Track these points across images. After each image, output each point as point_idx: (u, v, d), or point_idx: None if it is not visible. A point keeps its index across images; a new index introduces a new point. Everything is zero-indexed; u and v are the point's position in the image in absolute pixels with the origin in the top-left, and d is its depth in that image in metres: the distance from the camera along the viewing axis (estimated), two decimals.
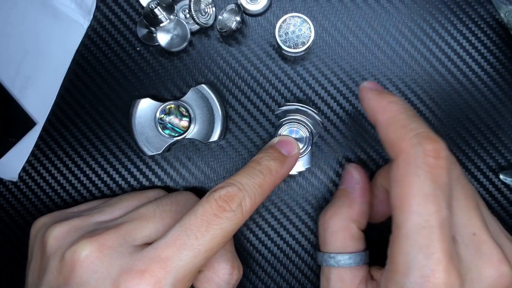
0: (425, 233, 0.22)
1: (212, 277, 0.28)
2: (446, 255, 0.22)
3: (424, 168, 0.22)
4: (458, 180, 0.25)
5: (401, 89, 0.33)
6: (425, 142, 0.23)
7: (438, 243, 0.22)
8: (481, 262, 0.24)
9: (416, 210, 0.22)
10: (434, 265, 0.22)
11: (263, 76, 0.34)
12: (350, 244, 0.28)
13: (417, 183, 0.22)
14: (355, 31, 0.33)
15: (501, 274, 0.24)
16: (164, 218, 0.28)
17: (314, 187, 0.34)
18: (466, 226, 0.24)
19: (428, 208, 0.22)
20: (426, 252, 0.22)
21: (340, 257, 0.28)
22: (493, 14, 0.33)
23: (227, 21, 0.32)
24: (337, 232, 0.29)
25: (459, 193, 0.25)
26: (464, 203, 0.25)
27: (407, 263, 0.22)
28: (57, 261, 0.26)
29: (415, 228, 0.22)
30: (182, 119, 0.32)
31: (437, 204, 0.22)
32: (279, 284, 0.34)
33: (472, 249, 0.24)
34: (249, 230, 0.34)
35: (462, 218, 0.24)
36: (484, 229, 0.24)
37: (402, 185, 0.23)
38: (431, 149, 0.22)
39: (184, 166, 0.34)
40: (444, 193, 0.22)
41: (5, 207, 0.35)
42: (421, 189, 0.22)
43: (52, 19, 0.33)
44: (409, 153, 0.23)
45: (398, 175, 0.23)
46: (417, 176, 0.22)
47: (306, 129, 0.31)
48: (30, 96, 0.34)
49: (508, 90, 0.33)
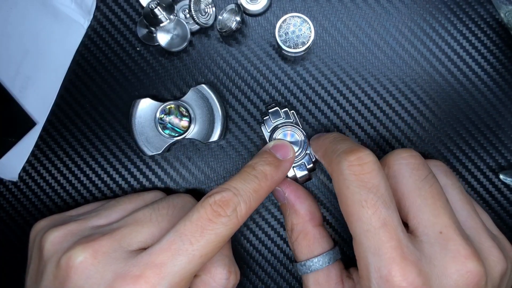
0: (371, 236, 0.23)
1: (208, 281, 0.28)
2: (399, 253, 0.23)
3: (351, 178, 0.24)
4: (425, 180, 0.26)
5: (401, 89, 0.33)
6: (347, 155, 0.25)
7: (387, 242, 0.23)
8: (446, 259, 0.24)
9: (357, 218, 0.24)
10: (388, 264, 0.23)
11: (263, 76, 0.34)
12: (316, 246, 0.29)
13: (349, 194, 0.24)
14: (355, 31, 0.33)
15: (468, 271, 0.24)
16: (160, 222, 0.28)
17: (314, 187, 0.34)
18: (433, 225, 0.25)
19: (365, 212, 0.23)
20: (377, 253, 0.23)
21: (309, 262, 0.29)
22: (493, 14, 0.33)
23: (227, 21, 0.32)
24: (300, 241, 0.30)
25: (426, 192, 0.25)
26: (431, 202, 0.25)
27: (366, 268, 0.24)
28: (53, 266, 0.26)
29: (362, 234, 0.24)
30: (182, 119, 0.32)
31: (373, 206, 0.23)
32: (279, 284, 0.34)
33: (437, 246, 0.24)
34: (249, 230, 0.34)
35: (428, 217, 0.25)
36: (452, 227, 0.25)
37: (341, 200, 0.25)
38: (353, 159, 0.25)
39: (184, 166, 0.34)
40: (377, 194, 0.24)
41: (5, 207, 0.35)
42: (354, 197, 0.24)
43: (52, 19, 0.34)
44: (336, 170, 0.25)
45: (337, 193, 0.25)
46: (347, 188, 0.24)
47: (301, 132, 0.31)
48: (30, 96, 0.34)
49: (508, 90, 0.33)
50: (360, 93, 0.34)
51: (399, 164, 0.26)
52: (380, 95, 0.34)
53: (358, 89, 0.34)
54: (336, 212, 0.34)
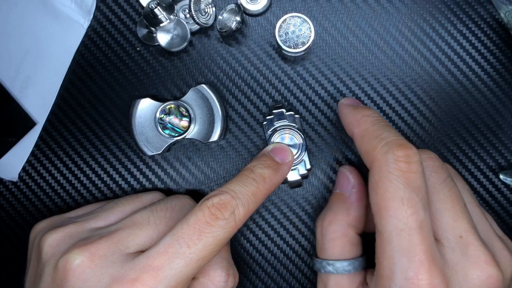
0: (404, 236, 0.23)
1: (207, 284, 0.28)
2: (428, 257, 0.22)
3: (396, 173, 0.23)
4: (444, 183, 0.26)
5: (401, 89, 0.33)
6: (396, 149, 0.24)
7: (419, 244, 0.22)
8: (467, 264, 0.24)
9: (393, 214, 0.23)
10: (417, 267, 0.22)
11: (263, 76, 0.34)
12: (349, 250, 0.29)
13: (391, 188, 0.23)
14: (355, 31, 0.33)
15: (488, 276, 0.24)
16: (158, 224, 0.28)
17: (314, 187, 0.34)
18: (453, 229, 0.25)
19: (404, 211, 0.23)
20: (407, 254, 0.22)
21: (339, 264, 0.28)
22: (493, 14, 0.33)
23: (227, 21, 0.32)
24: (335, 239, 0.29)
25: (445, 196, 0.25)
26: (450, 206, 0.25)
27: (391, 267, 0.23)
28: (51, 268, 0.26)
29: (394, 232, 0.23)
30: (182, 119, 0.32)
31: (413, 207, 0.23)
32: (279, 284, 0.34)
33: (458, 251, 0.24)
34: (249, 230, 0.34)
35: (448, 221, 0.25)
36: (471, 231, 0.24)
37: (377, 192, 0.24)
38: (402, 154, 0.23)
39: (184, 166, 0.34)
40: (419, 196, 0.23)
41: (5, 207, 0.35)
42: (396, 193, 0.23)
43: (52, 19, 0.34)
44: (380, 161, 0.24)
45: (373, 183, 0.24)
46: (389, 181, 0.23)
47: (300, 136, 0.31)
48: (30, 96, 0.34)
49: (508, 90, 0.33)
50: (360, 93, 0.34)
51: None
52: (380, 95, 0.34)
53: (358, 89, 0.34)
54: None
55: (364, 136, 0.26)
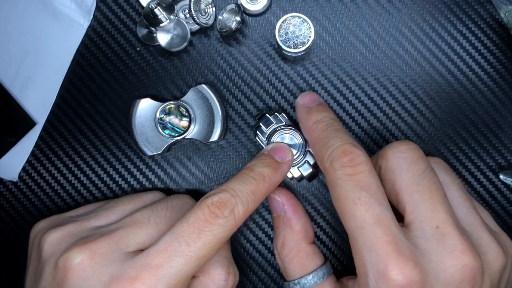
0: (366, 232, 0.24)
1: (207, 282, 0.28)
2: (394, 247, 0.23)
3: (343, 177, 0.25)
4: (423, 174, 0.26)
5: (401, 89, 0.33)
6: (339, 157, 0.25)
7: (382, 237, 0.23)
8: (443, 253, 0.24)
9: (351, 215, 0.24)
10: (385, 259, 0.23)
11: (263, 76, 0.34)
12: (309, 263, 0.29)
13: (342, 191, 0.25)
14: (355, 31, 0.33)
15: (464, 265, 0.24)
16: (159, 224, 0.28)
17: (314, 187, 0.34)
18: (430, 220, 0.25)
19: (359, 210, 0.24)
20: (373, 248, 0.23)
21: (304, 280, 0.29)
22: (493, 14, 0.33)
23: (227, 21, 0.32)
24: (292, 259, 0.30)
25: (424, 187, 0.25)
26: (429, 197, 0.25)
27: (363, 263, 0.24)
28: (51, 267, 0.26)
29: (357, 231, 0.24)
30: (182, 119, 0.32)
31: (366, 203, 0.24)
32: (279, 284, 0.34)
33: (433, 241, 0.24)
34: (249, 230, 0.34)
35: (426, 212, 0.25)
36: (449, 222, 0.25)
37: (333, 197, 0.25)
38: (346, 160, 0.25)
39: (184, 166, 0.34)
40: (370, 192, 0.24)
41: (5, 207, 0.35)
42: (347, 195, 0.24)
43: (52, 19, 0.34)
44: (328, 170, 0.26)
45: (329, 188, 0.26)
46: (339, 186, 0.25)
47: (299, 135, 0.31)
48: (30, 96, 0.34)
49: (508, 90, 0.33)
50: (360, 93, 0.34)
51: (397, 157, 0.26)
52: (380, 95, 0.34)
53: (358, 89, 0.34)
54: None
55: (315, 145, 0.28)
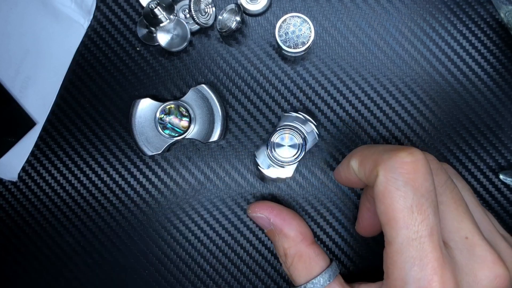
0: (416, 245, 0.22)
1: None
2: (440, 264, 0.22)
3: (403, 177, 0.22)
4: (445, 185, 0.25)
5: (401, 89, 0.33)
6: (397, 152, 0.23)
7: (431, 252, 0.22)
8: (476, 265, 0.24)
9: (403, 225, 0.22)
10: (430, 275, 0.22)
11: (263, 76, 0.34)
12: (313, 266, 0.29)
13: (399, 196, 0.22)
14: (355, 31, 0.33)
15: (496, 276, 0.24)
16: None
17: (314, 187, 0.34)
18: (458, 230, 0.24)
19: (414, 219, 0.22)
20: (420, 264, 0.22)
21: (310, 284, 0.28)
22: (493, 14, 0.33)
23: (227, 21, 0.32)
24: (296, 264, 0.29)
25: (448, 198, 0.25)
26: (454, 208, 0.25)
27: (403, 278, 0.22)
28: None
29: (405, 242, 0.22)
30: (182, 119, 0.32)
31: (423, 213, 0.22)
32: (279, 284, 0.34)
33: (466, 253, 0.24)
34: (249, 230, 0.34)
35: (453, 223, 0.24)
36: (476, 232, 0.24)
37: (385, 202, 0.23)
38: (405, 155, 0.23)
39: (184, 166, 0.34)
40: (429, 200, 0.22)
41: (4, 207, 0.35)
42: (404, 201, 0.22)
43: (52, 19, 0.34)
44: (385, 168, 0.23)
45: (379, 193, 0.23)
46: (397, 189, 0.22)
47: (299, 135, 0.31)
48: (30, 96, 0.34)
49: (508, 90, 0.33)
50: (360, 93, 0.34)
51: None
52: (380, 95, 0.34)
53: (358, 89, 0.34)
54: (343, 213, 0.34)
55: (362, 159, 0.26)
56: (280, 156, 0.30)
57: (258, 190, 0.34)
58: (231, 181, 0.34)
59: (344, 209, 0.34)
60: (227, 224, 0.34)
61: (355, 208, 0.34)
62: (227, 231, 0.34)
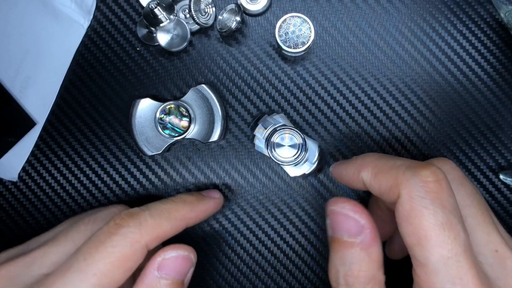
0: (453, 264, 0.21)
1: None
2: (479, 280, 0.21)
3: (429, 196, 0.21)
4: (473, 196, 0.25)
5: (401, 89, 0.33)
6: (419, 170, 0.22)
7: (469, 270, 0.21)
8: (508, 279, 0.23)
9: (436, 243, 0.21)
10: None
11: (263, 76, 0.34)
12: None
13: (428, 214, 0.21)
14: (355, 31, 0.33)
15: None
16: (76, 240, 0.26)
17: (314, 187, 0.34)
18: (487, 244, 0.24)
19: (447, 237, 0.21)
20: (460, 283, 0.21)
21: None
22: (493, 14, 0.33)
23: (227, 21, 0.32)
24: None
25: (476, 210, 0.24)
26: (481, 220, 0.24)
27: None
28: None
29: (441, 261, 0.21)
30: (182, 119, 0.32)
31: (454, 230, 0.21)
32: (279, 284, 0.34)
33: (497, 266, 0.23)
34: (249, 230, 0.34)
35: (482, 235, 0.24)
36: (504, 244, 0.24)
37: (413, 222, 0.21)
38: (428, 174, 0.22)
39: (184, 166, 0.34)
40: (457, 216, 0.22)
41: (4, 207, 0.35)
42: (434, 219, 0.21)
43: (52, 19, 0.33)
44: (408, 188, 0.22)
45: (405, 213, 0.22)
46: (425, 208, 0.21)
47: (299, 135, 0.31)
48: (30, 96, 0.34)
49: (508, 90, 0.33)
50: (360, 93, 0.34)
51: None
52: (380, 95, 0.34)
53: (358, 89, 0.34)
54: None
55: (377, 173, 0.24)
56: (280, 156, 0.30)
57: (258, 190, 0.34)
58: (231, 181, 0.34)
59: None
60: (227, 224, 0.34)
61: None
62: (227, 231, 0.34)
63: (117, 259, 0.23)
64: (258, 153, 0.34)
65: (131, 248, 0.23)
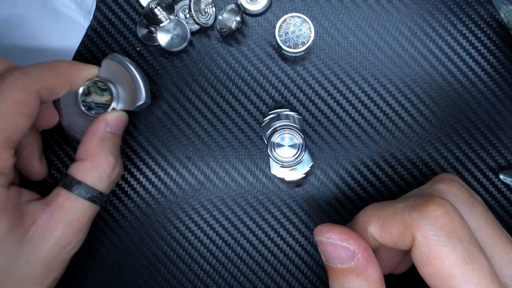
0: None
1: (93, 166, 0.28)
2: None
3: (444, 231, 0.21)
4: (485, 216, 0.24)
5: (401, 89, 0.33)
6: (424, 207, 0.21)
7: None
8: None
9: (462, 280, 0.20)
10: None
11: (263, 76, 0.34)
12: None
13: (448, 252, 0.21)
14: (355, 31, 0.33)
15: None
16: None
17: (314, 187, 0.34)
18: (508, 264, 0.23)
19: (472, 271, 0.20)
20: None
21: None
22: (493, 14, 0.33)
23: (227, 21, 0.32)
24: None
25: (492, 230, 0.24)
26: (498, 240, 0.24)
27: None
28: None
29: None
30: (103, 94, 0.31)
31: (476, 261, 0.20)
32: (279, 284, 0.34)
33: None
34: (249, 230, 0.34)
35: (502, 256, 0.23)
36: None
37: (434, 264, 0.21)
38: (435, 208, 0.21)
39: (184, 166, 0.34)
40: (476, 245, 0.21)
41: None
42: (455, 255, 0.20)
43: (52, 19, 0.34)
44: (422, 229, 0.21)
45: (424, 256, 0.21)
46: (443, 246, 0.21)
47: (299, 135, 0.31)
48: None
49: (508, 90, 0.33)
50: (360, 93, 0.34)
51: (454, 203, 0.23)
52: (380, 95, 0.34)
53: (358, 89, 0.34)
54: (343, 213, 0.34)
55: (384, 223, 0.23)
56: (280, 156, 0.30)
57: (258, 190, 0.34)
58: (231, 181, 0.34)
59: (344, 210, 0.34)
60: (227, 224, 0.34)
61: (356, 209, 0.34)
62: (227, 231, 0.34)
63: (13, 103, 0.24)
64: (258, 152, 0.34)
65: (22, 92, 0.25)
